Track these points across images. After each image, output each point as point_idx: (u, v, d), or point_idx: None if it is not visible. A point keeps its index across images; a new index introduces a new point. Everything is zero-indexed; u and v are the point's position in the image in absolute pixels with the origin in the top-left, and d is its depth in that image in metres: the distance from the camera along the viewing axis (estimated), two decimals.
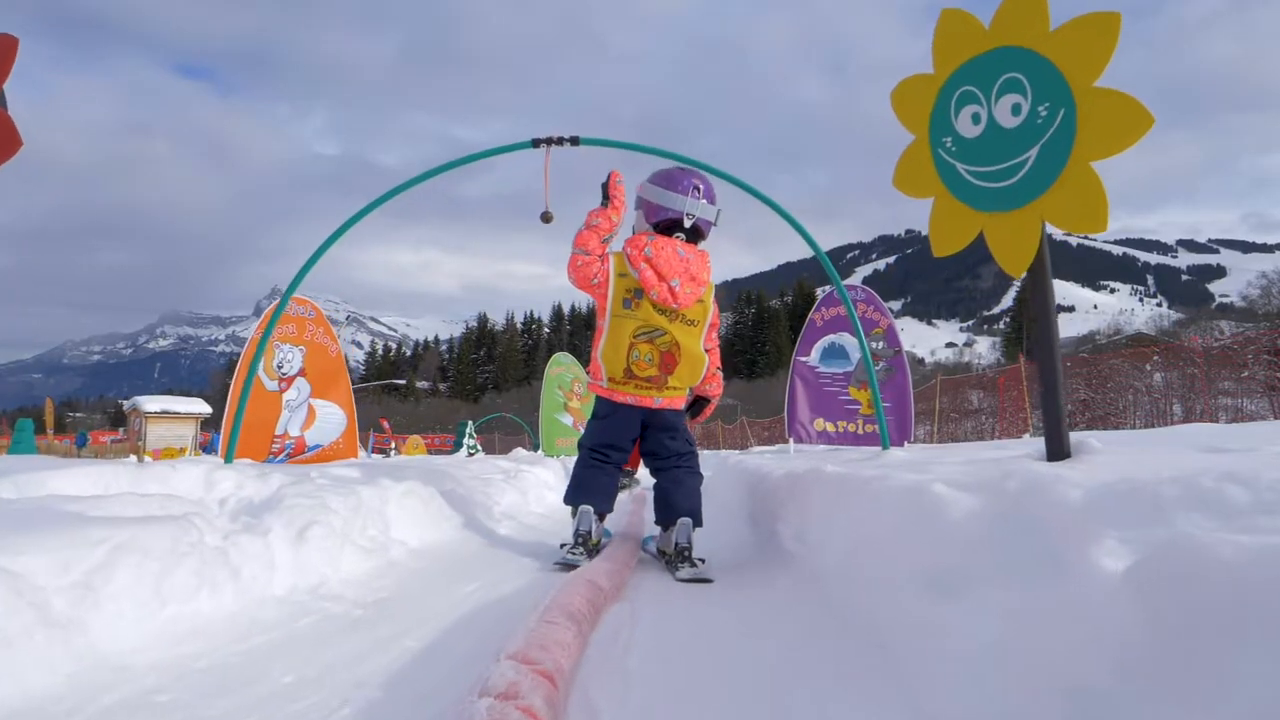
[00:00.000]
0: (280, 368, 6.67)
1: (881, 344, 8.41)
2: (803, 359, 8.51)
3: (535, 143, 4.11)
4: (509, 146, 4.20)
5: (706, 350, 3.08)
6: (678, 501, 3.02)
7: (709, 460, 12.03)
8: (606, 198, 3.19)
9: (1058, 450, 3.17)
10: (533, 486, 5.38)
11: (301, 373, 6.83)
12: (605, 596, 2.21)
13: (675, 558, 2.84)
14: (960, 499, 1.36)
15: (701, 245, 3.15)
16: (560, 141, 4.10)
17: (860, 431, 8.42)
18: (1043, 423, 3.21)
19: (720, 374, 3.33)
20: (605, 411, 3.13)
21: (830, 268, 4.64)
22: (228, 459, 3.92)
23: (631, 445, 3.19)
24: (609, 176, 3.23)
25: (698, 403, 3.39)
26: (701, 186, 3.07)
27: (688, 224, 3.04)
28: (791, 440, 8.35)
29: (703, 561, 2.83)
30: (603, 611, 2.15)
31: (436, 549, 3.12)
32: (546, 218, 3.86)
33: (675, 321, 2.97)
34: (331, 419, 7.01)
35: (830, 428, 8.43)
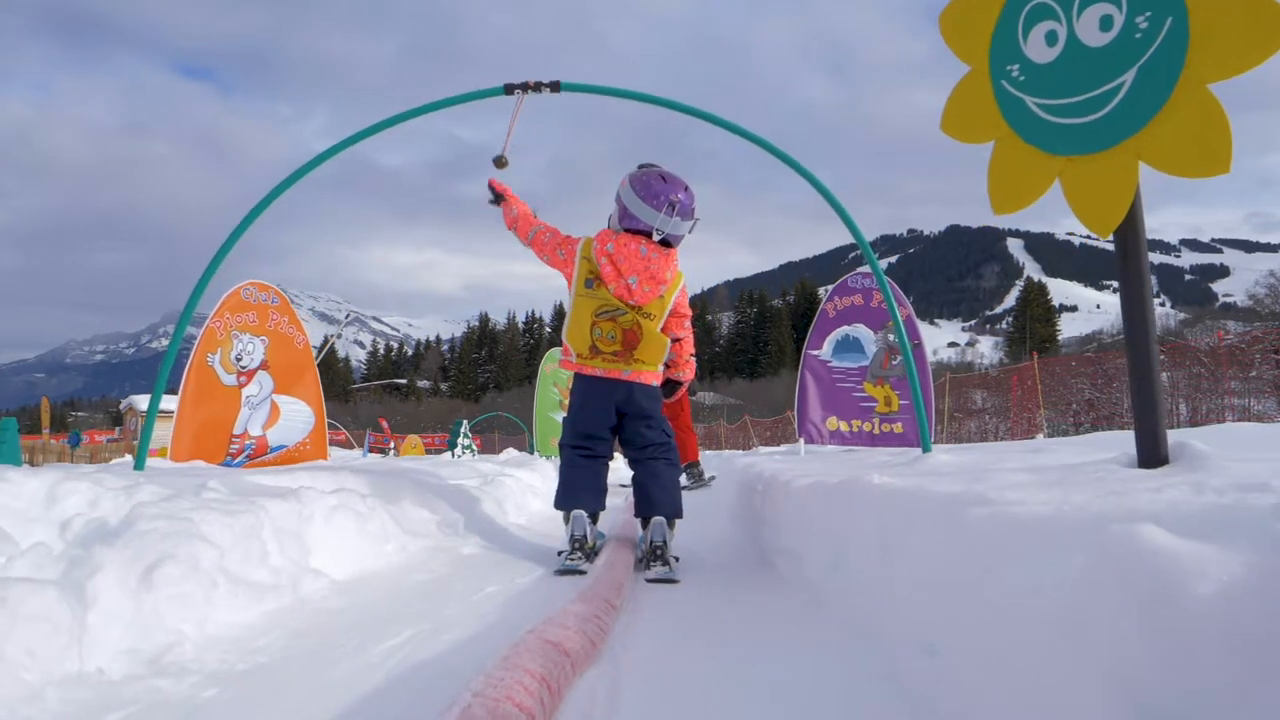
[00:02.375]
0: (239, 360, 6.01)
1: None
2: (814, 352, 7.84)
3: (508, 89, 3.46)
4: (481, 93, 3.55)
5: (678, 339, 3.19)
6: (655, 497, 3.02)
7: (711, 462, 11.36)
8: (498, 196, 3.42)
9: (1153, 453, 2.52)
10: (513, 493, 4.72)
11: (264, 366, 6.17)
12: (573, 662, 1.56)
13: (649, 555, 2.84)
14: (1213, 560, 0.71)
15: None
16: (539, 88, 3.45)
17: (876, 431, 7.76)
18: (1134, 421, 2.58)
19: (694, 360, 3.37)
20: (579, 401, 3.14)
21: (865, 245, 3.99)
22: (138, 464, 3.27)
23: (611, 434, 3.16)
24: (489, 185, 3.44)
25: (669, 384, 3.38)
26: (678, 203, 3.03)
27: (656, 238, 3.04)
28: (802, 440, 7.68)
29: (677, 560, 2.87)
30: (568, 687, 1.50)
31: (370, 581, 2.46)
32: (500, 163, 3.46)
33: (632, 310, 3.04)
34: (297, 417, 6.35)
35: (844, 427, 7.76)
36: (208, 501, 2.03)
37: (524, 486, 5.32)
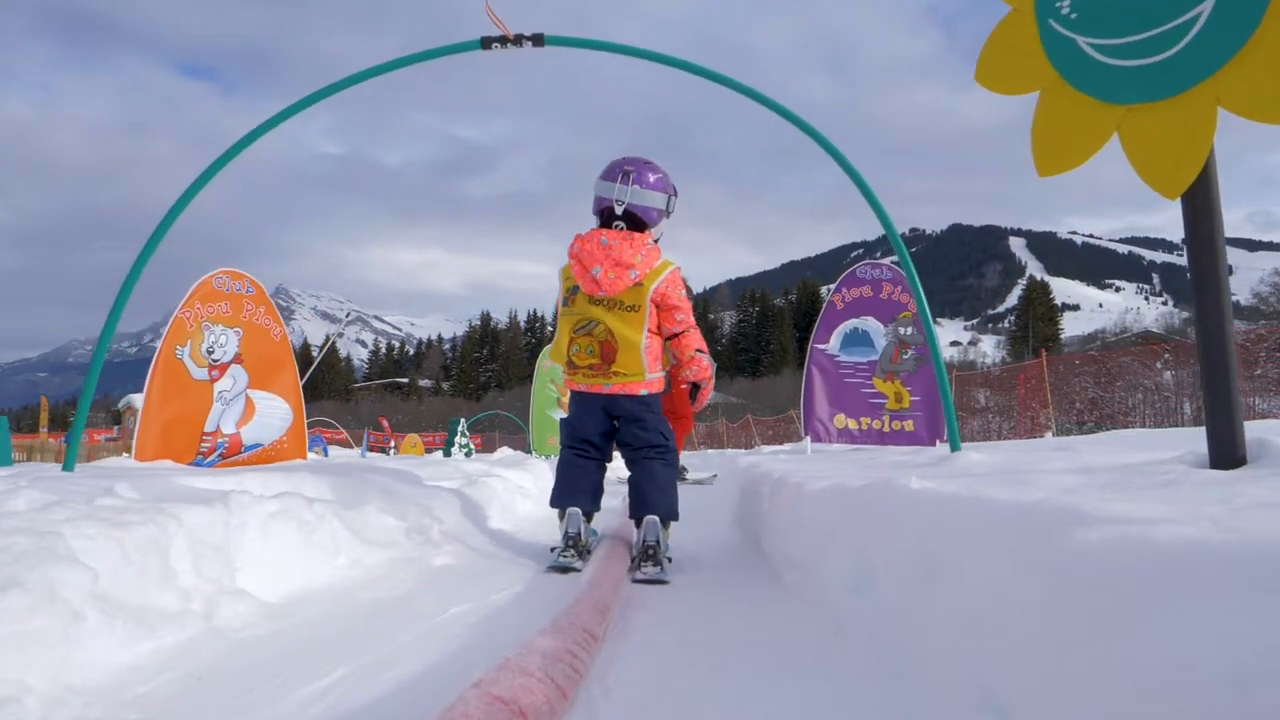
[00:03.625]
0: (210, 353, 5.64)
1: (910, 330, 7.38)
2: (821, 346, 7.47)
3: (485, 43, 3.10)
4: (456, 47, 3.20)
5: (678, 334, 3.04)
6: (650, 498, 2.96)
7: (712, 461, 10.98)
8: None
9: (1229, 453, 2.17)
10: (499, 495, 4.36)
11: (237, 359, 5.80)
12: None
13: (640, 556, 2.76)
14: None
15: (658, 231, 3.08)
16: (519, 41, 3.09)
17: (886, 429, 7.38)
18: (1204, 414, 2.22)
19: (701, 356, 3.11)
20: (574, 408, 3.16)
21: (888, 221, 3.63)
22: (67, 465, 2.92)
23: (603, 439, 3.12)
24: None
25: (691, 389, 3.23)
26: (634, 172, 2.99)
27: (619, 210, 2.98)
28: (808, 438, 7.31)
29: (670, 561, 2.85)
30: None
31: (311, 601, 2.10)
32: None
33: (614, 310, 2.95)
34: (274, 413, 5.99)
35: (852, 424, 7.39)
36: (96, 510, 1.67)
37: (512, 488, 4.95)
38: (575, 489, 3.04)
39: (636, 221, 2.99)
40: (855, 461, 3.93)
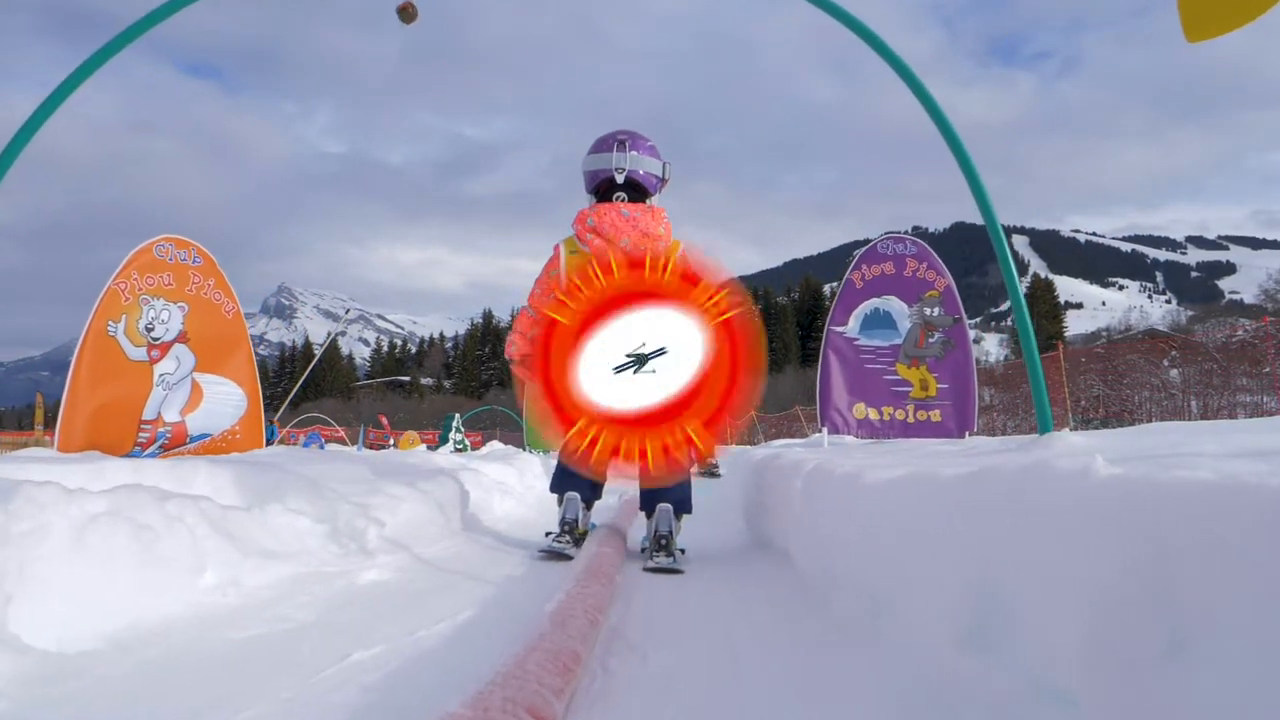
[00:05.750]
0: (150, 330, 4.94)
1: (938, 310, 6.68)
2: (838, 329, 6.75)
3: None
4: None
5: None
6: (661, 485, 2.85)
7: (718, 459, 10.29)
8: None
9: None
10: (470, 492, 3.68)
11: (182, 338, 5.10)
12: None
13: (652, 546, 2.70)
14: None
15: (655, 202, 2.99)
16: None
17: (910, 420, 6.67)
18: None
19: None
20: None
21: (970, 167, 2.96)
22: None
23: None
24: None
25: None
26: (628, 140, 2.95)
27: (620, 179, 2.92)
28: (825, 430, 6.60)
29: (683, 552, 2.76)
30: None
31: (134, 646, 1.40)
32: (407, 12, 3.21)
33: None
34: (226, 400, 5.29)
35: (873, 414, 6.68)
36: None
37: (489, 484, 4.28)
38: (576, 475, 2.94)
39: (639, 190, 2.93)
40: (896, 451, 3.25)
